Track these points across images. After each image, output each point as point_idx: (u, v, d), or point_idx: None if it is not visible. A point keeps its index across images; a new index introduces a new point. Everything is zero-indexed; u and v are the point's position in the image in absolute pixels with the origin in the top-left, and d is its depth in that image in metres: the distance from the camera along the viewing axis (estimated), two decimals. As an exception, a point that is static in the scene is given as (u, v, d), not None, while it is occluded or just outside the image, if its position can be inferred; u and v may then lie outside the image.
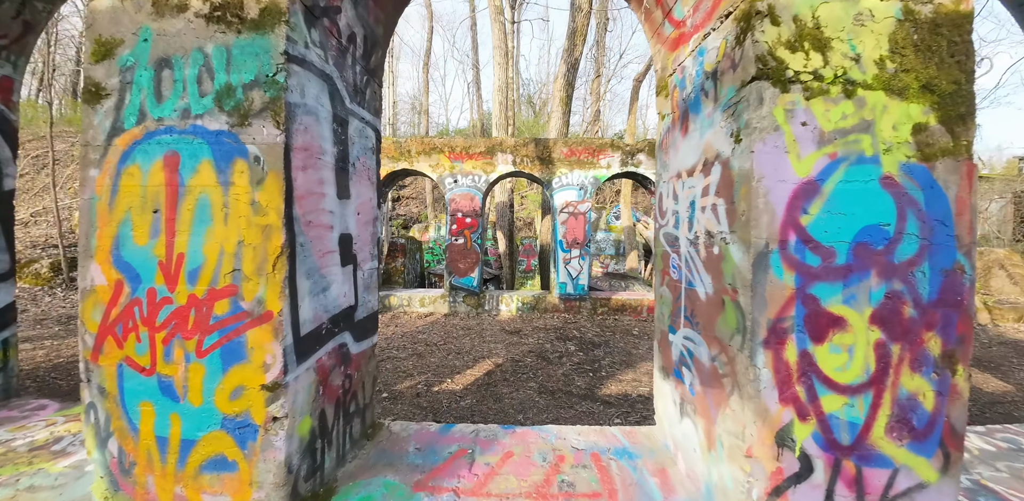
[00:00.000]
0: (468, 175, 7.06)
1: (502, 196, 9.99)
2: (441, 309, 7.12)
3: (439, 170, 7.11)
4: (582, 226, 7.04)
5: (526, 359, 4.95)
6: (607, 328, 6.51)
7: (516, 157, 6.94)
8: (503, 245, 9.97)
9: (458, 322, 6.59)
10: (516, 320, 6.77)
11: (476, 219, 7.05)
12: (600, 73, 18.94)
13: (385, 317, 6.86)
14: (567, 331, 6.23)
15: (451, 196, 7.09)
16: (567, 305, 7.06)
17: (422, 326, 6.32)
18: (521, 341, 5.69)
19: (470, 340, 5.68)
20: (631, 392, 3.99)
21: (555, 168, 7.05)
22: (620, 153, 6.91)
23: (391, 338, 5.67)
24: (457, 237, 7.07)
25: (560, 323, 6.66)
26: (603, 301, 7.07)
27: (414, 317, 6.84)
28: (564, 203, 7.06)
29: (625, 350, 5.49)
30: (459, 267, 7.06)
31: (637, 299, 7.08)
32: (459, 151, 6.89)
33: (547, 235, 8.32)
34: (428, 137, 6.78)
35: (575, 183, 7.05)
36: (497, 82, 9.67)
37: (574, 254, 7.05)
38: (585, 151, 6.84)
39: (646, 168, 7.09)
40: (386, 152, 7.00)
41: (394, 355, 4.95)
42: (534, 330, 6.24)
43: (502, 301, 7.09)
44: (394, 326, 6.36)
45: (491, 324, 6.52)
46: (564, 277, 7.05)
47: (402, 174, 7.64)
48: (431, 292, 7.30)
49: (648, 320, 6.98)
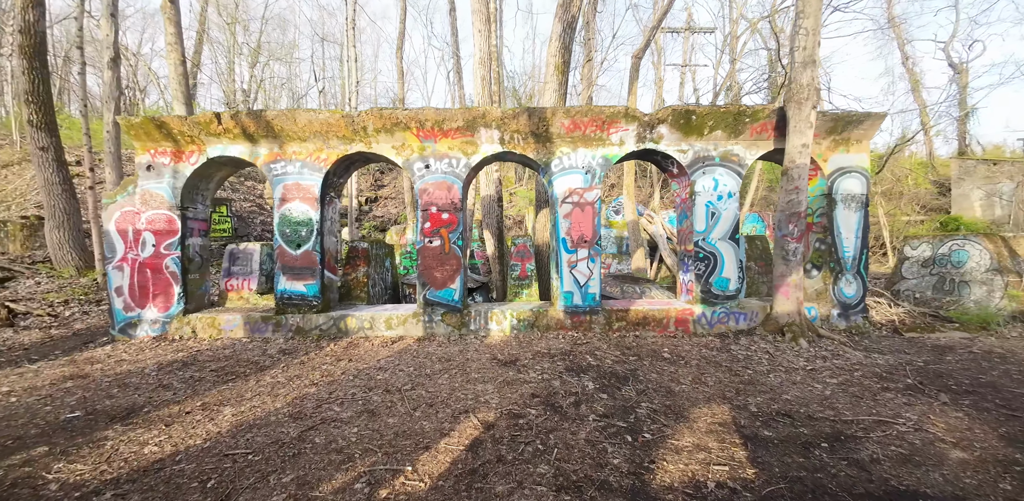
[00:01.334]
0: (443, 158, 5.51)
1: (488, 188, 8.45)
2: (413, 332, 5.54)
3: (405, 152, 5.54)
4: (590, 219, 5.55)
5: (528, 412, 3.42)
6: (629, 350, 5.02)
7: (504, 133, 5.41)
8: (491, 247, 8.43)
9: (435, 350, 5.03)
10: (511, 343, 5.24)
11: (455, 214, 5.51)
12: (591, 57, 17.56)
13: (339, 346, 5.26)
14: (579, 358, 4.72)
15: (422, 185, 5.53)
16: (574, 320, 5.55)
17: (385, 359, 4.74)
18: (519, 377, 4.16)
19: (449, 379, 4.12)
20: (705, 477, 2.49)
21: (554, 147, 5.54)
22: (636, 125, 5.42)
23: (336, 383, 4.08)
24: (431, 238, 5.51)
25: (567, 345, 5.15)
26: (619, 314, 5.58)
27: (377, 345, 5.25)
28: (567, 191, 5.55)
29: (664, 386, 4.00)
30: (435, 276, 5.50)
31: (661, 309, 5.61)
32: (430, 127, 5.33)
33: (545, 233, 6.82)
34: (389, 109, 5.21)
35: (580, 165, 5.55)
36: (478, 54, 8.13)
37: (581, 255, 5.55)
38: (592, 123, 5.34)
39: (668, 144, 5.62)
40: (334, 130, 5.41)
41: (333, 416, 3.37)
42: (535, 358, 4.72)
43: (492, 318, 5.55)
44: (347, 360, 4.77)
45: (478, 351, 4.98)
46: (570, 285, 5.54)
47: (360, 160, 6.05)
48: (401, 310, 5.72)
49: (679, 336, 5.51)
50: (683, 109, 5.32)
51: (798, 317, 5.50)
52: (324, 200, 5.75)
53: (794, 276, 5.45)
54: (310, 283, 5.60)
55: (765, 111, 5.48)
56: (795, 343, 5.28)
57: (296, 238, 5.63)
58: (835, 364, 4.80)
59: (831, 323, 6.04)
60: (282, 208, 5.65)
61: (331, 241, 5.95)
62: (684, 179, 5.86)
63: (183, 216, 6.08)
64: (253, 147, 5.77)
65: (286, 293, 5.64)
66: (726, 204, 5.70)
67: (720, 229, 5.69)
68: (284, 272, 5.63)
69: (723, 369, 4.53)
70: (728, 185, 5.71)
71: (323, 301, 5.69)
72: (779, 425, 3.30)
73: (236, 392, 4.07)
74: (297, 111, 5.38)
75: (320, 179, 5.59)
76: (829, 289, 6.06)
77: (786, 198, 5.31)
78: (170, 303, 6.05)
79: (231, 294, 6.55)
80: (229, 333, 5.87)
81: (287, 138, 5.60)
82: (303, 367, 4.66)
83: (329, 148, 5.58)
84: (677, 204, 6.14)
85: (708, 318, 5.65)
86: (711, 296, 5.67)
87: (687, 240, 5.87)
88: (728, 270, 5.70)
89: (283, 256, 5.64)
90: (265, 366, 4.79)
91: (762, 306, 5.81)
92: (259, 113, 5.48)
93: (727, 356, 4.93)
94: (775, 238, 5.55)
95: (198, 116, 5.66)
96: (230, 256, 6.62)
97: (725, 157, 5.70)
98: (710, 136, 5.60)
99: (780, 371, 4.55)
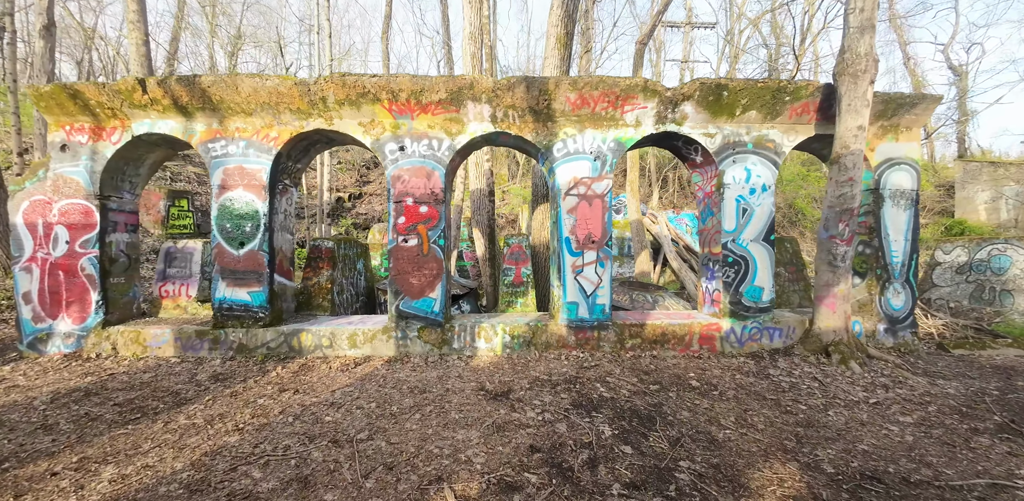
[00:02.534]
0: (421, 139, 4.50)
1: (479, 181, 7.45)
2: (383, 351, 4.52)
3: (375, 131, 4.51)
4: (599, 215, 4.59)
5: (527, 479, 2.43)
6: (648, 376, 4.06)
7: (496, 109, 4.42)
8: (481, 247, 7.43)
9: (408, 375, 4.01)
10: (502, 366, 4.25)
11: (436, 208, 4.50)
12: (589, 48, 16.67)
13: (287, 370, 4.21)
14: (588, 387, 3.75)
15: (395, 172, 4.51)
16: (580, 337, 4.58)
17: (342, 390, 3.71)
18: (513, 418, 3.16)
19: (420, 422, 3.11)
20: None
21: (557, 127, 4.57)
22: (656, 102, 4.47)
23: (269, 428, 3.04)
24: (407, 236, 4.50)
25: (572, 369, 4.17)
26: (633, 329, 4.62)
27: (336, 368, 4.21)
28: (572, 181, 4.59)
29: (702, 431, 3.04)
30: (410, 283, 4.48)
31: (683, 324, 4.67)
32: (405, 99, 4.32)
33: (544, 231, 5.85)
34: (354, 75, 4.19)
35: (587, 150, 4.59)
36: (468, 28, 7.14)
37: (589, 258, 4.58)
38: (603, 98, 4.37)
39: (693, 126, 4.69)
40: (286, 102, 4.37)
41: (247, 488, 2.34)
42: (533, 387, 3.74)
43: (480, 333, 4.55)
44: (293, 390, 3.73)
45: (462, 377, 3.97)
46: (574, 294, 4.57)
47: (322, 142, 5.00)
48: (368, 323, 4.69)
49: (704, 357, 4.57)
50: (713, 83, 4.40)
51: (845, 335, 4.61)
52: (275, 188, 4.70)
53: (842, 285, 4.55)
54: (255, 290, 4.54)
55: (809, 88, 4.59)
56: (845, 367, 4.38)
57: (239, 235, 4.57)
58: (900, 395, 3.91)
59: (877, 340, 5.17)
60: (222, 197, 4.59)
61: (284, 239, 4.89)
62: (710, 169, 4.93)
63: (103, 207, 4.98)
64: (188, 122, 4.70)
65: (226, 302, 4.58)
66: (760, 199, 4.79)
67: (752, 229, 4.78)
68: (224, 276, 4.57)
69: (769, 404, 3.60)
70: (762, 176, 4.80)
71: (272, 312, 4.64)
72: (872, 497, 2.38)
73: (133, 441, 3.03)
74: (240, 77, 4.33)
75: (269, 162, 4.54)
76: (875, 300, 5.18)
77: (837, 192, 4.41)
78: (86, 313, 4.94)
79: (166, 301, 5.46)
80: (156, 351, 4.78)
81: (229, 111, 4.54)
82: (234, 401, 3.61)
83: (280, 124, 4.53)
84: (700, 199, 5.21)
85: (738, 334, 4.73)
86: (741, 308, 4.75)
87: (712, 241, 4.94)
88: (761, 277, 4.78)
89: (222, 257, 4.58)
90: (186, 399, 3.74)
91: (800, 320, 4.91)
92: (193, 79, 4.42)
93: (768, 384, 4.01)
94: (819, 240, 4.65)
95: (118, 83, 4.58)
96: (166, 256, 5.52)
97: (759, 143, 4.79)
98: (742, 118, 4.68)
99: (839, 406, 3.64)
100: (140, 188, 5.51)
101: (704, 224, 5.13)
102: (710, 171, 4.93)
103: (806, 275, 5.83)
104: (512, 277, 5.51)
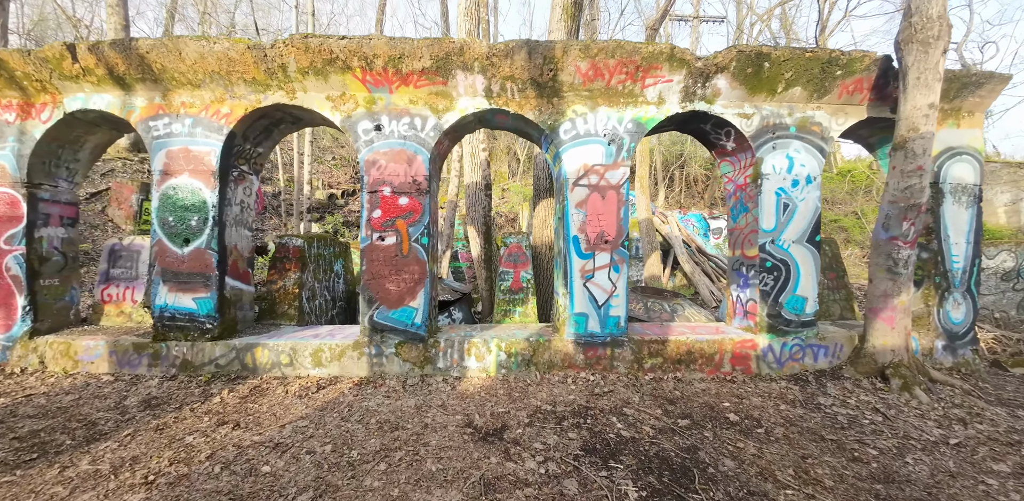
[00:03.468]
0: (402, 116, 3.76)
1: (474, 174, 6.71)
2: (353, 370, 3.76)
3: (346, 106, 3.77)
4: (614, 210, 3.84)
5: (525, 582, 1.69)
6: (674, 406, 3.31)
7: (492, 81, 3.68)
8: (476, 247, 6.69)
9: (379, 404, 3.26)
10: (496, 392, 3.50)
11: (419, 199, 3.76)
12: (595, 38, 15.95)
13: (235, 394, 3.46)
14: (602, 423, 3.00)
15: (370, 156, 3.76)
16: (589, 356, 3.83)
17: (294, 424, 2.96)
18: (507, 471, 2.42)
19: (385, 478, 2.36)
20: None
21: (564, 104, 3.82)
22: (684, 74, 3.72)
23: (187, 481, 2.29)
24: (383, 233, 3.75)
25: (582, 396, 3.42)
26: (653, 346, 3.87)
27: (294, 393, 3.46)
28: (581, 169, 3.84)
29: (754, 490, 2.30)
30: (387, 289, 3.73)
31: (711, 340, 3.92)
32: (382, 67, 3.58)
33: (547, 229, 5.10)
34: (319, 36, 3.44)
35: (601, 132, 3.85)
36: (465, 2, 6.39)
37: (601, 261, 3.84)
38: (620, 69, 3.63)
39: (727, 104, 3.93)
40: (239, 71, 3.63)
41: None
42: (533, 422, 2.99)
43: (470, 350, 3.80)
44: (233, 424, 2.97)
45: (446, 407, 3.22)
46: (583, 304, 3.83)
47: (286, 121, 4.25)
48: (338, 337, 3.93)
49: (738, 380, 3.82)
50: (753, 51, 3.65)
51: (906, 355, 3.86)
52: (227, 175, 3.96)
53: (903, 296, 3.81)
54: (202, 296, 3.80)
55: (865, 60, 3.85)
56: (908, 394, 3.63)
57: (183, 230, 3.83)
58: (982, 433, 3.18)
59: (934, 358, 4.42)
60: (164, 185, 3.85)
61: (240, 235, 4.15)
62: (744, 157, 4.19)
63: (32, 196, 4.25)
64: (126, 96, 3.96)
65: (168, 310, 3.84)
66: (804, 192, 4.05)
67: (795, 228, 4.03)
68: (165, 279, 3.83)
69: (831, 447, 2.86)
70: (807, 166, 4.06)
71: (222, 323, 3.89)
72: None
73: (13, 494, 2.30)
74: (183, 40, 3.59)
75: (220, 143, 3.80)
76: (933, 312, 4.44)
77: (903, 183, 3.66)
78: (12, 320, 4.21)
79: (108, 307, 4.72)
80: (89, 366, 4.04)
81: (173, 83, 3.80)
82: (157, 438, 2.87)
83: (234, 98, 3.79)
84: (729, 193, 4.47)
85: (776, 353, 3.99)
86: (781, 322, 4.00)
87: (746, 243, 4.20)
88: (804, 285, 4.04)
89: (164, 256, 3.83)
90: (102, 432, 3.00)
91: (848, 336, 4.17)
92: (129, 43, 3.68)
93: (822, 419, 3.26)
94: (876, 242, 3.91)
95: (44, 49, 3.85)
96: (110, 255, 4.78)
97: (803, 126, 4.05)
98: (785, 95, 3.94)
99: (915, 449, 2.91)
100: (80, 176, 4.76)
101: (735, 222, 4.38)
102: (744, 159, 4.18)
103: (847, 282, 5.09)
104: (510, 282, 4.76)
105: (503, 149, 20.43)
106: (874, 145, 4.80)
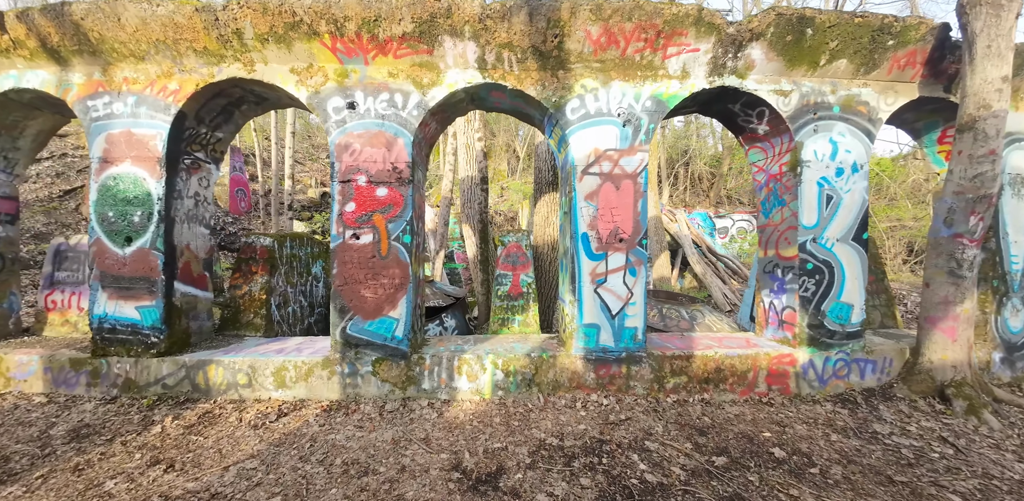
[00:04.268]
0: (379, 92, 3.19)
1: (469, 167, 6.15)
2: (324, 392, 3.20)
3: (313, 80, 3.20)
4: (630, 203, 3.28)
5: None
6: (705, 438, 2.75)
7: (486, 49, 3.11)
8: (472, 247, 6.13)
9: (348, 438, 2.69)
10: (491, 420, 2.93)
11: (400, 190, 3.20)
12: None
13: (181, 423, 2.89)
14: (621, 463, 2.44)
15: (342, 139, 3.20)
16: (601, 374, 3.27)
17: (241, 464, 2.39)
18: (504, 538, 1.86)
19: (342, 551, 1.81)
20: None
21: (571, 78, 3.26)
22: (713, 41, 3.15)
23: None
24: (358, 230, 3.19)
25: (595, 425, 2.86)
26: (676, 363, 3.31)
27: (248, 422, 2.89)
28: (592, 154, 3.28)
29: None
30: (362, 297, 3.17)
31: (743, 355, 3.36)
32: (355, 33, 3.01)
33: (550, 227, 4.54)
34: (279, -3, 2.87)
35: (614, 110, 3.28)
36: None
37: (615, 263, 3.27)
38: (638, 34, 3.07)
39: (760, 79, 3.37)
40: (188, 38, 3.06)
41: None
42: (536, 464, 2.42)
43: (461, 368, 3.24)
44: (167, 464, 2.41)
45: (429, 441, 2.66)
46: (594, 313, 3.26)
47: (248, 101, 3.68)
48: (306, 353, 3.37)
49: (776, 403, 3.26)
50: (795, 14, 3.10)
51: (968, 371, 3.31)
52: (176, 162, 3.39)
53: (967, 303, 3.25)
54: (146, 304, 3.23)
55: (921, 29, 3.29)
56: (976, 419, 3.08)
57: (124, 226, 3.26)
58: (1076, 467, 2.62)
59: (992, 372, 3.87)
60: (103, 175, 3.28)
61: (194, 233, 3.58)
62: (779, 142, 3.63)
63: (-43, 189, 3.69)
64: (63, 72, 3.39)
65: (108, 321, 3.27)
66: (849, 183, 3.49)
67: (839, 224, 3.48)
68: (105, 284, 3.26)
69: (902, 492, 2.30)
70: (853, 152, 3.50)
71: (170, 336, 3.33)
72: None
73: None
74: (122, 2, 3.03)
75: (167, 125, 3.24)
76: (990, 320, 3.88)
77: (971, 171, 3.10)
78: (-65, 331, 3.64)
79: (52, 315, 4.15)
80: (22, 385, 3.48)
81: (114, 55, 3.24)
82: (73, 482, 2.31)
83: (183, 72, 3.22)
84: (760, 184, 3.91)
85: (819, 370, 3.43)
86: (824, 333, 3.44)
87: (782, 241, 3.64)
88: (850, 291, 3.48)
89: (103, 257, 3.27)
90: (12, 472, 2.45)
91: (897, 349, 3.61)
92: (61, 8, 3.11)
93: (883, 453, 2.70)
94: (935, 240, 3.35)
95: (-37, 16, 3.28)
96: (56, 256, 4.22)
97: (848, 106, 3.49)
98: (828, 69, 3.38)
99: (1000, 491, 2.36)
100: (21, 167, 4.20)
101: (767, 218, 3.82)
102: (779, 145, 3.62)
103: (888, 286, 4.53)
104: (508, 287, 4.20)
105: (502, 146, 19.87)
106: (920, 131, 4.24)
